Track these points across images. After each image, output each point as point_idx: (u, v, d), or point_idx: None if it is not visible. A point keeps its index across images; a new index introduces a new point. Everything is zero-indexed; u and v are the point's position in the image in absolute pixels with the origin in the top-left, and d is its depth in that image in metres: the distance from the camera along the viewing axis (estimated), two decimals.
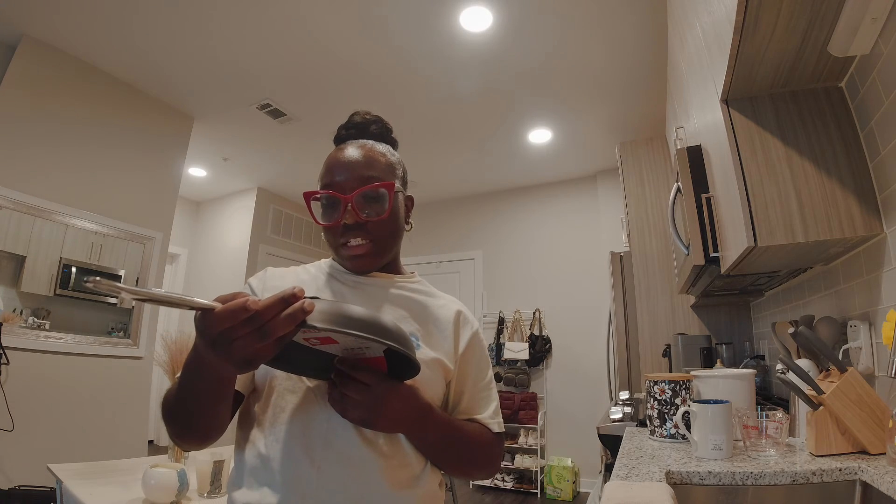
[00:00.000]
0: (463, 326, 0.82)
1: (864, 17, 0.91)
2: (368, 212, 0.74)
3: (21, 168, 2.50)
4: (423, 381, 0.71)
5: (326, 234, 0.78)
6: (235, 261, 4.61)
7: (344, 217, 0.73)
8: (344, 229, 0.74)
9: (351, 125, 0.83)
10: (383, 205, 0.75)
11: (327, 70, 2.87)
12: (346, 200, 0.73)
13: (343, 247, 0.75)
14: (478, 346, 0.83)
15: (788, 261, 1.29)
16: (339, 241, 0.75)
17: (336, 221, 0.74)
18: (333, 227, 0.75)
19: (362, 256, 0.75)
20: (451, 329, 0.80)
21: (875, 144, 1.04)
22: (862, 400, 0.96)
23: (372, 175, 0.75)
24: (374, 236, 0.75)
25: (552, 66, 2.84)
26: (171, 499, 1.28)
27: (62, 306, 2.65)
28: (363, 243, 0.74)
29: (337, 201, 0.73)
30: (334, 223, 0.74)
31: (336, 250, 0.78)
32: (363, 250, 0.75)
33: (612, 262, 3.03)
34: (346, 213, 0.73)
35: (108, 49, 2.72)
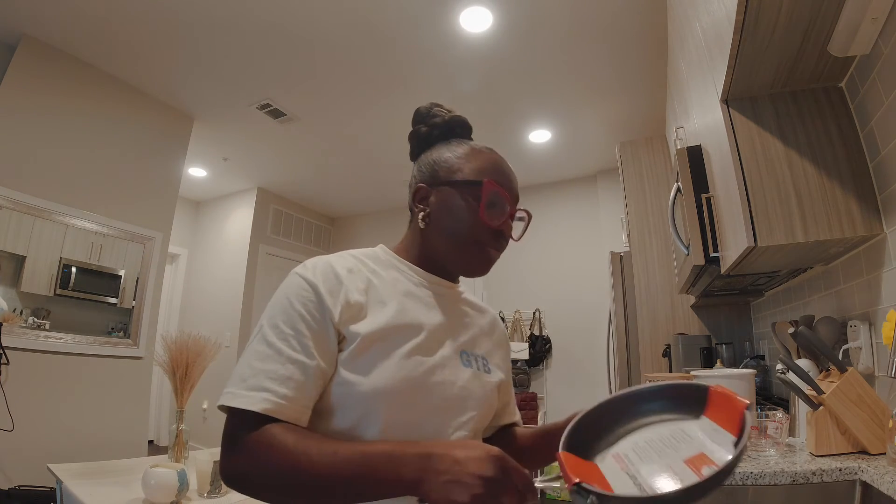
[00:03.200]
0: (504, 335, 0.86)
1: (864, 17, 0.91)
2: (516, 231, 0.76)
3: (21, 168, 2.49)
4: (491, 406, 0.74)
5: (469, 229, 0.70)
6: (235, 261, 4.60)
7: (504, 224, 0.72)
8: (496, 235, 0.72)
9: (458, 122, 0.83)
10: (522, 230, 0.77)
11: (327, 70, 2.87)
12: (513, 213, 0.73)
13: (485, 249, 0.72)
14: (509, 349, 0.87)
15: (788, 261, 1.29)
16: (482, 240, 0.71)
17: (500, 224, 0.72)
18: (488, 228, 0.71)
19: (489, 268, 0.74)
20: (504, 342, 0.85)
21: (875, 144, 1.04)
22: (862, 400, 0.96)
23: (519, 197, 0.77)
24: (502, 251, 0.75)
25: (552, 66, 2.84)
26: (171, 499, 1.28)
27: (62, 306, 2.65)
28: (497, 253, 0.74)
29: (507, 208, 0.73)
30: (499, 225, 0.72)
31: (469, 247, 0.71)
32: (496, 259, 0.74)
33: (612, 262, 3.02)
34: (507, 220, 0.73)
35: (107, 49, 2.72)
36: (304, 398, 0.58)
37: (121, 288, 2.94)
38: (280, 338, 0.59)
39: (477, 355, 0.74)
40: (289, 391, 0.56)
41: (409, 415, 0.62)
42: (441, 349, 0.68)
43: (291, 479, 0.52)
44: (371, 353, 0.61)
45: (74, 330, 2.69)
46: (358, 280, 0.67)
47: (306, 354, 0.59)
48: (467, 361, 0.72)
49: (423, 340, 0.66)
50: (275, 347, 0.59)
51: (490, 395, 0.73)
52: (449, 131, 0.82)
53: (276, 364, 0.57)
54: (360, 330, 0.62)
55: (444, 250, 0.73)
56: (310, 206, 5.34)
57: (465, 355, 0.72)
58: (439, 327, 0.70)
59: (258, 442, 0.54)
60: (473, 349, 0.75)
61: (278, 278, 3.92)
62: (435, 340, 0.68)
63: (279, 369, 0.57)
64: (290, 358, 0.58)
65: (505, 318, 4.50)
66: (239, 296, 4.44)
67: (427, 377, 0.64)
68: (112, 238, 2.90)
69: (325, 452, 0.52)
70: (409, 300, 0.69)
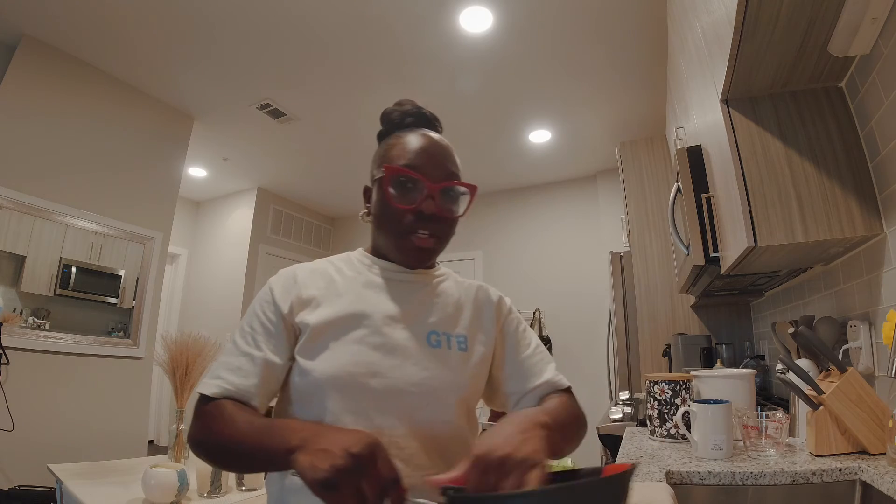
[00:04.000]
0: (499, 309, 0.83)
1: (864, 17, 0.91)
2: (447, 207, 0.72)
3: (21, 168, 2.49)
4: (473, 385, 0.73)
5: (388, 218, 0.72)
6: (235, 261, 4.60)
7: (422, 204, 0.69)
8: (417, 218, 0.70)
9: (413, 113, 0.80)
10: (462, 205, 0.74)
11: (327, 70, 2.87)
12: (430, 190, 0.70)
13: (409, 235, 0.71)
14: (514, 320, 0.83)
15: (788, 261, 1.29)
16: (404, 227, 0.71)
17: (413, 206, 0.70)
18: (405, 212, 0.70)
19: (425, 251, 0.72)
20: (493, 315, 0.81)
21: (875, 144, 1.04)
22: (862, 400, 0.96)
23: (455, 172, 0.74)
24: (442, 233, 0.73)
25: (552, 66, 2.84)
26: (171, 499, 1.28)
27: (62, 306, 2.65)
28: (429, 237, 0.72)
29: (421, 187, 0.70)
30: (411, 207, 0.70)
31: (395, 237, 0.72)
32: (429, 244, 0.72)
33: (612, 262, 3.02)
34: (425, 200, 0.70)
35: (107, 49, 2.72)
36: (250, 384, 0.66)
37: (121, 288, 2.94)
38: (241, 336, 0.70)
39: (450, 335, 0.74)
40: (236, 378, 0.66)
41: (362, 399, 0.65)
42: (399, 333, 0.70)
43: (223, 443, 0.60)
44: (322, 341, 0.68)
45: (74, 330, 2.69)
46: (318, 278, 0.74)
47: (255, 347, 0.68)
48: (436, 342, 0.72)
49: (378, 326, 0.69)
50: (235, 344, 0.69)
51: (468, 372, 0.72)
52: (395, 126, 0.80)
53: (232, 357, 0.68)
54: (311, 320, 0.68)
55: (384, 243, 0.76)
56: (310, 206, 5.33)
57: (433, 336, 0.72)
58: (400, 313, 0.72)
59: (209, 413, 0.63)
60: (446, 329, 0.74)
61: None
62: (393, 325, 0.70)
63: (233, 361, 0.68)
64: (243, 351, 0.68)
65: None
66: (239, 296, 4.44)
67: (380, 361, 0.66)
68: (112, 238, 2.90)
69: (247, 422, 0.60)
70: (368, 290, 0.73)
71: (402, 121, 0.80)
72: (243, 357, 0.68)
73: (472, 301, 0.80)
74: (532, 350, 0.81)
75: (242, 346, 0.69)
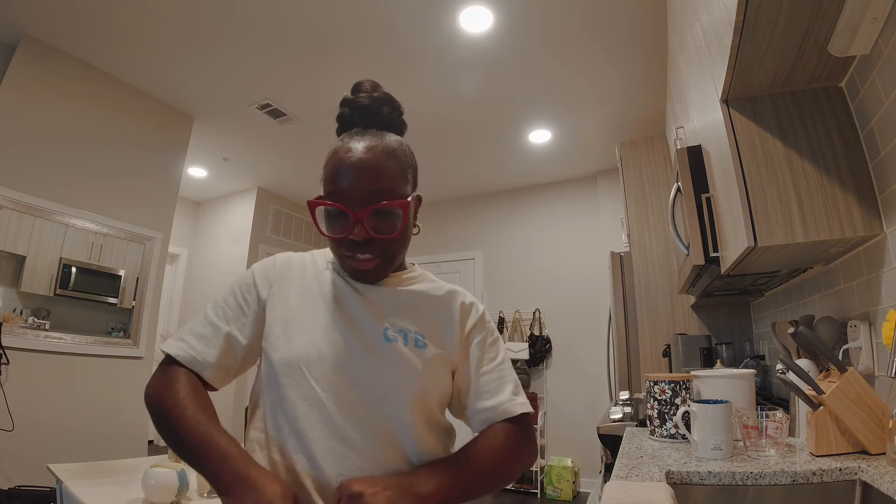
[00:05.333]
0: (467, 313, 0.80)
1: (864, 17, 0.91)
2: (379, 228, 0.69)
3: (21, 168, 2.49)
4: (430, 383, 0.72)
5: (331, 244, 0.73)
6: (235, 261, 4.60)
7: (352, 233, 0.68)
8: (351, 244, 0.69)
9: (358, 106, 0.75)
10: (396, 222, 0.69)
11: (327, 70, 2.87)
12: (355, 217, 0.67)
13: (349, 258, 0.71)
14: (483, 330, 0.80)
15: (788, 261, 1.29)
16: (344, 252, 0.71)
17: (343, 236, 0.69)
18: (336, 241, 0.71)
19: (369, 272, 0.71)
20: (458, 318, 0.78)
21: (875, 144, 1.04)
22: (862, 400, 0.96)
23: (384, 189, 0.69)
24: (383, 252, 0.71)
25: (552, 66, 2.84)
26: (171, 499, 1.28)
27: (62, 306, 2.65)
28: (371, 258, 0.70)
29: (346, 216, 0.68)
30: (341, 237, 0.69)
31: (341, 260, 0.73)
32: (371, 265, 0.70)
33: (612, 262, 3.02)
34: (354, 227, 0.67)
35: (108, 49, 2.72)
36: (209, 353, 0.70)
37: (121, 288, 2.94)
38: (212, 308, 0.74)
39: (407, 332, 0.73)
40: (198, 344, 0.70)
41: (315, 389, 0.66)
42: (356, 328, 0.71)
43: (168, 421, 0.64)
44: (283, 330, 0.70)
45: (74, 330, 2.69)
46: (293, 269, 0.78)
47: (224, 321, 0.72)
48: (392, 337, 0.71)
49: (337, 320, 0.71)
50: (205, 314, 0.74)
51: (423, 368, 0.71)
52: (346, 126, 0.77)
53: (199, 325, 0.73)
54: (277, 308, 0.72)
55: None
56: None
57: (389, 331, 0.72)
58: (360, 308, 0.73)
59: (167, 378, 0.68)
60: (404, 326, 0.73)
61: None
62: (351, 320, 0.71)
63: (199, 328, 0.72)
64: (210, 321, 0.72)
65: (505, 318, 4.50)
66: None
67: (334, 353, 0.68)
68: (112, 238, 2.90)
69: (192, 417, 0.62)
70: (333, 286, 0.75)
71: (349, 118, 0.77)
72: (209, 327, 0.72)
73: (439, 302, 0.79)
74: (493, 366, 0.77)
75: (212, 316, 0.73)
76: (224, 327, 0.72)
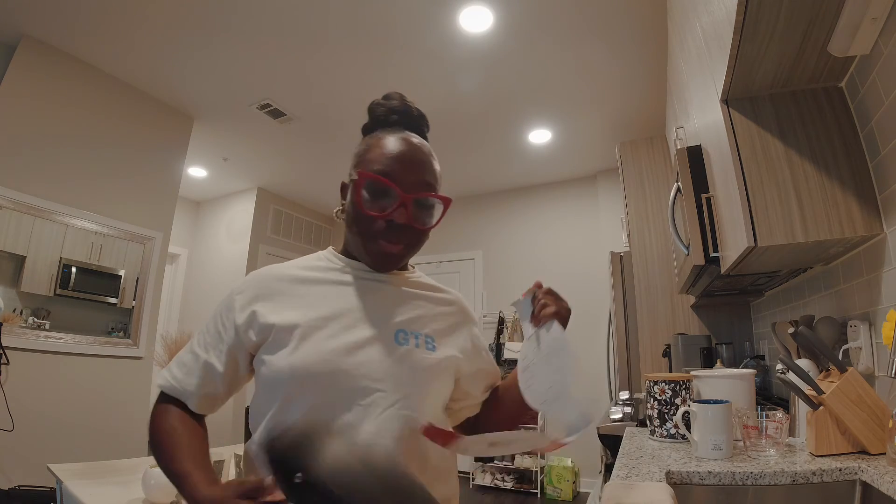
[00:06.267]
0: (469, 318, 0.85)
1: (864, 17, 0.91)
2: (418, 217, 0.72)
3: (21, 168, 2.49)
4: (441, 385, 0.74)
5: (359, 221, 0.71)
6: (235, 261, 4.60)
7: (394, 213, 0.69)
8: (388, 225, 0.70)
9: (399, 110, 0.78)
10: (433, 215, 0.74)
11: (327, 69, 2.87)
12: (403, 199, 0.69)
13: (377, 240, 0.71)
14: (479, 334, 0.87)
15: (788, 261, 1.29)
16: (374, 232, 0.71)
17: (385, 214, 0.69)
18: (376, 218, 0.70)
19: (393, 256, 0.73)
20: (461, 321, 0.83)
21: (875, 144, 1.04)
22: (862, 400, 0.96)
23: (431, 182, 0.73)
24: (411, 242, 0.73)
25: (552, 66, 2.84)
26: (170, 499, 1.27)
27: (62, 306, 2.65)
28: (398, 246, 0.72)
29: (394, 195, 0.69)
30: (382, 214, 0.69)
31: (367, 242, 0.72)
32: (396, 250, 0.72)
33: (612, 262, 3.02)
34: (397, 209, 0.69)
35: (107, 49, 2.72)
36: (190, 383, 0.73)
37: (121, 288, 2.94)
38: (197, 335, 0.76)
39: (418, 334, 0.74)
40: (180, 374, 0.74)
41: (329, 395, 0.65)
42: (366, 331, 0.70)
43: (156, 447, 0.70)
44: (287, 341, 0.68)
45: (74, 330, 2.69)
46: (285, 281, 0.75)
47: (203, 349, 0.74)
48: (403, 340, 0.72)
49: (345, 325, 0.70)
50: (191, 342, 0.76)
51: (435, 371, 0.72)
52: (381, 122, 0.79)
53: (185, 353, 0.76)
54: (276, 321, 0.69)
55: (353, 244, 0.77)
56: (310, 206, 5.33)
57: (401, 334, 0.72)
58: (368, 312, 0.72)
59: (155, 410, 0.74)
60: (415, 329, 0.74)
61: None
62: (359, 324, 0.71)
63: (184, 357, 0.75)
64: (192, 349, 0.75)
65: (505, 319, 4.50)
66: None
67: (344, 359, 0.67)
68: (112, 238, 2.90)
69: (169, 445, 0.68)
70: (336, 291, 0.74)
71: (386, 118, 0.78)
72: (190, 354, 0.75)
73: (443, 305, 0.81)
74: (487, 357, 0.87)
75: (194, 345, 0.75)
76: (203, 355, 0.73)
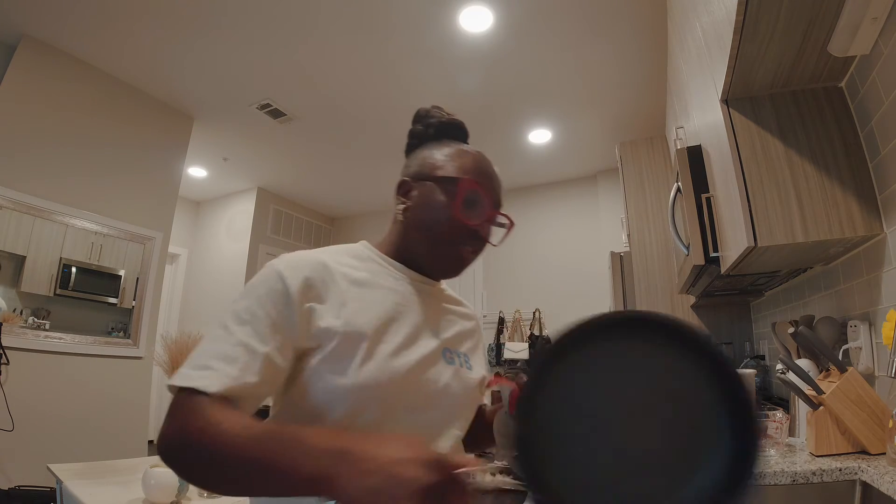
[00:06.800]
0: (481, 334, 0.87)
1: (864, 17, 0.91)
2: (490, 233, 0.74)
3: (21, 168, 2.49)
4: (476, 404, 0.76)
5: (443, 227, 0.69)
6: (235, 261, 4.60)
7: (483, 225, 0.71)
8: (473, 235, 0.70)
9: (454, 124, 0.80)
10: (498, 234, 0.76)
11: (327, 69, 2.87)
12: (491, 214, 0.71)
13: (457, 246, 0.70)
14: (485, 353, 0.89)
15: (788, 261, 1.29)
16: (458, 238, 0.70)
17: (476, 223, 0.70)
18: (464, 226, 0.69)
19: (464, 265, 0.73)
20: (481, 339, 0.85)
21: (875, 144, 1.04)
22: (862, 400, 0.96)
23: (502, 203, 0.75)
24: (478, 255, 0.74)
25: (552, 66, 2.84)
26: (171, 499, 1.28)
27: (62, 306, 2.65)
28: (474, 256, 0.73)
29: (485, 209, 0.71)
30: (475, 224, 0.70)
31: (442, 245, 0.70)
32: (471, 260, 0.73)
33: (612, 262, 3.02)
34: (485, 222, 0.71)
35: (107, 49, 2.71)
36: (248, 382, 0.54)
37: (121, 288, 2.94)
38: (237, 322, 0.58)
39: (459, 353, 0.74)
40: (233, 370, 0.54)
41: (394, 412, 0.62)
42: (425, 347, 0.68)
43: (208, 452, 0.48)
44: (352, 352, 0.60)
45: (74, 330, 2.69)
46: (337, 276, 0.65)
47: (259, 339, 0.57)
48: (450, 359, 0.72)
49: (407, 337, 0.66)
50: (227, 330, 0.57)
51: (474, 392, 0.74)
52: (443, 132, 0.80)
53: (224, 345, 0.56)
54: (338, 328, 0.60)
55: (419, 245, 0.72)
56: (310, 206, 5.33)
57: (447, 353, 0.72)
58: (423, 325, 0.69)
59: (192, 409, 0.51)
60: (456, 347, 0.75)
61: None
62: (419, 338, 0.68)
63: (226, 349, 0.56)
64: (240, 340, 0.56)
65: (505, 318, 4.50)
66: None
67: (412, 374, 0.64)
68: (112, 238, 2.90)
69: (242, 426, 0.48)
70: (390, 297, 0.68)
71: (447, 128, 0.79)
72: (239, 347, 0.56)
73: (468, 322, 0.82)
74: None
75: (240, 334, 0.57)
76: (260, 348, 0.56)
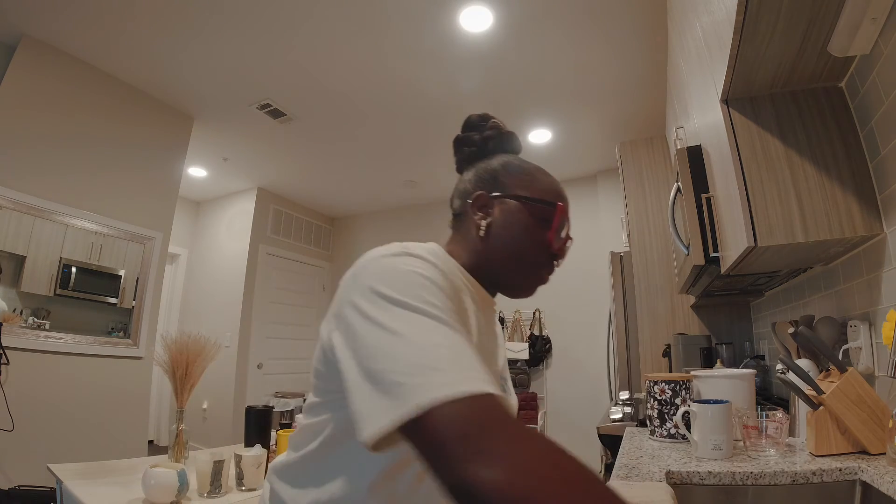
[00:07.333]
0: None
1: (864, 17, 0.91)
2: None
3: (21, 168, 2.49)
4: None
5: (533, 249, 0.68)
6: (235, 261, 4.60)
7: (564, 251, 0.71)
8: (556, 259, 0.71)
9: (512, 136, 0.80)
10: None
11: (327, 69, 2.87)
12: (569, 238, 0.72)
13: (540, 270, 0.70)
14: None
15: (788, 261, 1.29)
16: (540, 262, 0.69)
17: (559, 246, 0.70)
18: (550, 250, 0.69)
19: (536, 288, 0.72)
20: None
21: (875, 144, 1.04)
22: (862, 400, 0.96)
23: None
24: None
25: (552, 66, 2.84)
26: (171, 499, 1.27)
27: (62, 306, 2.65)
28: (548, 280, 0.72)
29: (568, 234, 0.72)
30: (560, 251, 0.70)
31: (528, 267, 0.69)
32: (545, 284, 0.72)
33: (612, 262, 3.02)
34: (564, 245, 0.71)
35: (107, 49, 2.72)
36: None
37: (121, 288, 2.94)
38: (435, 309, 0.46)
39: (506, 378, 0.74)
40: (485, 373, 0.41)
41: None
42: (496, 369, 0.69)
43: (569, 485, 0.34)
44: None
45: (74, 330, 2.69)
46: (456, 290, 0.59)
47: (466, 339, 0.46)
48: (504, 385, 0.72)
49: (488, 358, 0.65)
50: (439, 319, 0.45)
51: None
52: (505, 144, 0.79)
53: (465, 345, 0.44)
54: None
55: (501, 265, 0.68)
56: (310, 206, 5.34)
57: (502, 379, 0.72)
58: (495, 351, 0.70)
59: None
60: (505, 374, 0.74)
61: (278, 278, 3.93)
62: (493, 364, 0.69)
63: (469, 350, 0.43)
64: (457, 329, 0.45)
65: (505, 318, 4.50)
66: (239, 296, 4.44)
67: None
68: (112, 238, 2.90)
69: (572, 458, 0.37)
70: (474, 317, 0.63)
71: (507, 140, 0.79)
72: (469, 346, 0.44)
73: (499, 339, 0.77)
74: None
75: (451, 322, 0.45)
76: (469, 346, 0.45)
